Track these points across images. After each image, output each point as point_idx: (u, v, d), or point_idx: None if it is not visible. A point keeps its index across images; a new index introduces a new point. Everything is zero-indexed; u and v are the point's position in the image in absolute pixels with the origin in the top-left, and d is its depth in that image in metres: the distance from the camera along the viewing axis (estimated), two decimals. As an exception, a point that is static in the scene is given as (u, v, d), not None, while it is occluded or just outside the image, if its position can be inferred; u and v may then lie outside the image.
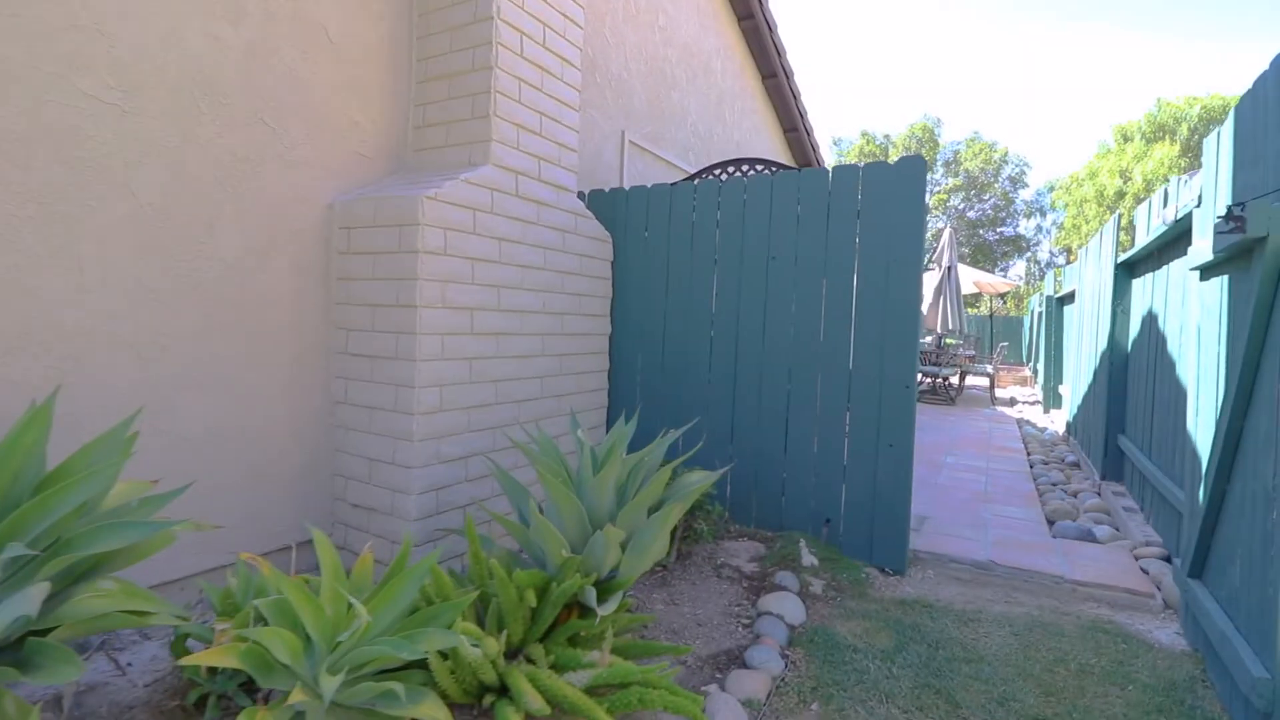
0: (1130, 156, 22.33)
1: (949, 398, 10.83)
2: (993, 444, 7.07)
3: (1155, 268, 4.26)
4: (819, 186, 3.55)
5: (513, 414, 3.38)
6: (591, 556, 2.14)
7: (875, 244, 3.39)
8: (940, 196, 31.69)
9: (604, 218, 4.24)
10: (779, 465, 3.68)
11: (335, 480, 3.14)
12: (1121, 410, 5.04)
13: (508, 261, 3.30)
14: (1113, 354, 5.11)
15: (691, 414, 3.96)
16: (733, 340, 3.83)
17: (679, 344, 4.02)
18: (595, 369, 4.09)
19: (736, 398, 3.82)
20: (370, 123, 3.29)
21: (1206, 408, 2.55)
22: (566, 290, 3.75)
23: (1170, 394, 3.69)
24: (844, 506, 3.49)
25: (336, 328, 3.11)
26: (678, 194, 4.01)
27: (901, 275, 3.32)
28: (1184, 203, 3.09)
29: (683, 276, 4.00)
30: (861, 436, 3.43)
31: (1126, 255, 4.92)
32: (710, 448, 3.90)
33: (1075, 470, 5.94)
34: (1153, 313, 4.26)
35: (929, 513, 4.30)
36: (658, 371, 4.09)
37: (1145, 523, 3.99)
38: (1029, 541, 3.74)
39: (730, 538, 3.68)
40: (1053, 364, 9.87)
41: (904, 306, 3.32)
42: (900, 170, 3.33)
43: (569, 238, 3.76)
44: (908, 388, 3.31)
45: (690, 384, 3.98)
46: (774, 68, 8.36)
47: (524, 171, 3.40)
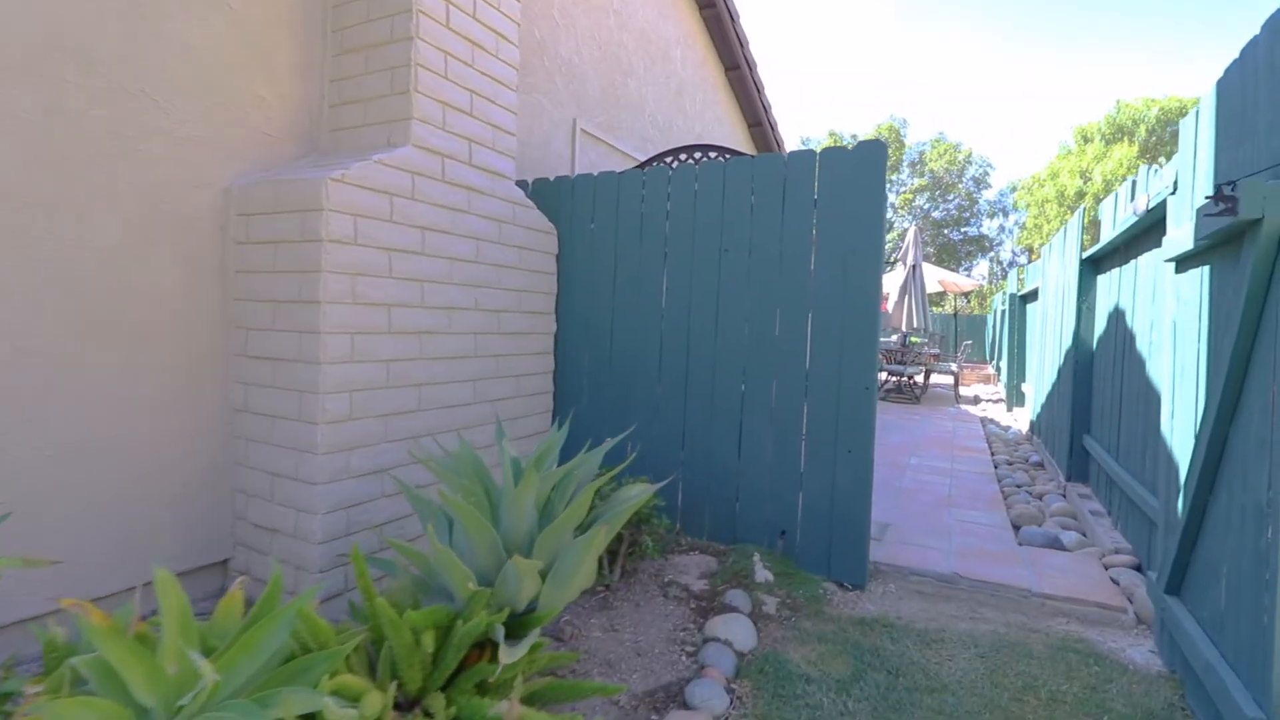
0: (1090, 157, 22.71)
1: (914, 396, 10.75)
2: (957, 444, 6.95)
3: (1122, 262, 4.12)
4: (774, 173, 3.31)
5: (440, 421, 3.07)
6: (504, 588, 1.85)
7: (833, 234, 3.16)
8: (906, 196, 31.99)
9: (548, 208, 3.95)
10: (733, 472, 3.44)
11: (236, 497, 2.79)
12: (1087, 410, 4.91)
13: (433, 253, 2.99)
14: (1078, 352, 4.98)
15: (641, 417, 3.69)
16: (684, 338, 3.57)
17: (627, 343, 3.75)
18: (538, 370, 3.79)
19: (688, 399, 3.56)
20: (278, 99, 2.95)
21: (1184, 410, 2.36)
22: (503, 285, 3.45)
23: (1139, 394, 3.54)
24: (801, 516, 3.26)
25: (235, 326, 2.77)
26: (625, 182, 3.74)
27: (861, 268, 3.09)
28: (1156, 192, 2.91)
29: (631, 271, 3.73)
30: (819, 441, 3.20)
31: (1092, 251, 4.79)
32: (660, 453, 3.63)
33: (1040, 471, 5.82)
34: (1120, 309, 4.12)
35: (892, 519, 4.10)
36: (605, 372, 3.82)
37: (1113, 528, 3.84)
38: (995, 550, 3.55)
39: (681, 551, 3.42)
40: (1016, 362, 9.85)
41: (863, 301, 3.09)
42: (859, 156, 3.10)
43: (506, 228, 3.46)
44: (867, 389, 3.08)
45: (639, 385, 3.71)
46: (737, 59, 8.15)
47: (452, 154, 3.09)
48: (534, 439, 3.76)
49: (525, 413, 3.70)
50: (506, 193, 3.46)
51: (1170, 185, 2.63)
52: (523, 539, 2.00)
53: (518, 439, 3.65)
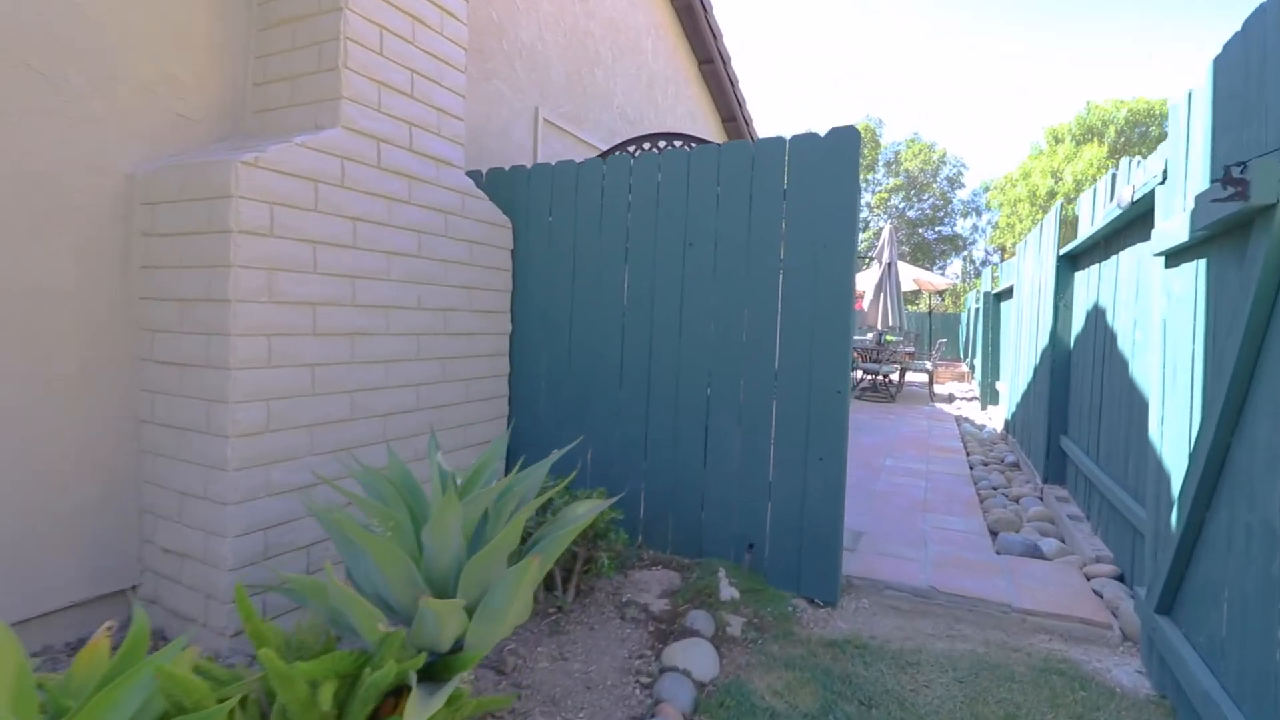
0: (1061, 158, 22.96)
1: (889, 395, 10.66)
2: (932, 444, 6.82)
3: (1102, 258, 3.98)
4: (741, 162, 3.10)
5: (377, 430, 2.81)
6: (423, 628, 1.61)
7: (803, 227, 2.96)
8: (881, 196, 32.14)
9: (503, 200, 3.70)
10: (698, 480, 3.22)
11: (145, 518, 2.51)
12: (1064, 411, 4.78)
13: (367, 246, 2.73)
14: (1055, 351, 4.85)
15: (601, 422, 3.46)
16: (646, 338, 3.35)
17: (587, 342, 3.52)
18: (491, 373, 3.54)
19: (651, 403, 3.34)
20: (194, 76, 2.67)
21: (1176, 416, 2.19)
22: (450, 282, 3.20)
23: (1122, 395, 3.39)
24: (769, 528, 3.06)
25: (141, 328, 2.48)
26: (585, 172, 3.50)
27: (832, 262, 2.89)
28: (1142, 182, 2.76)
29: (591, 266, 3.50)
30: (788, 448, 3.00)
31: (1069, 247, 4.67)
32: (622, 460, 3.41)
33: (1015, 472, 5.70)
34: (1099, 307, 3.98)
35: (866, 526, 3.92)
36: (565, 374, 3.58)
37: (1093, 534, 3.70)
38: (972, 560, 3.38)
39: (642, 566, 3.19)
40: (990, 361, 9.79)
41: (835, 298, 2.89)
42: (831, 143, 2.90)
43: (454, 221, 3.21)
44: (840, 392, 2.89)
45: (600, 388, 3.47)
46: (710, 52, 7.94)
47: (389, 139, 2.83)
48: (486, 448, 3.51)
49: (477, 419, 3.45)
50: (454, 182, 3.20)
51: (1159, 174, 2.47)
52: (448, 568, 1.76)
53: (470, 448, 3.40)
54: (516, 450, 3.70)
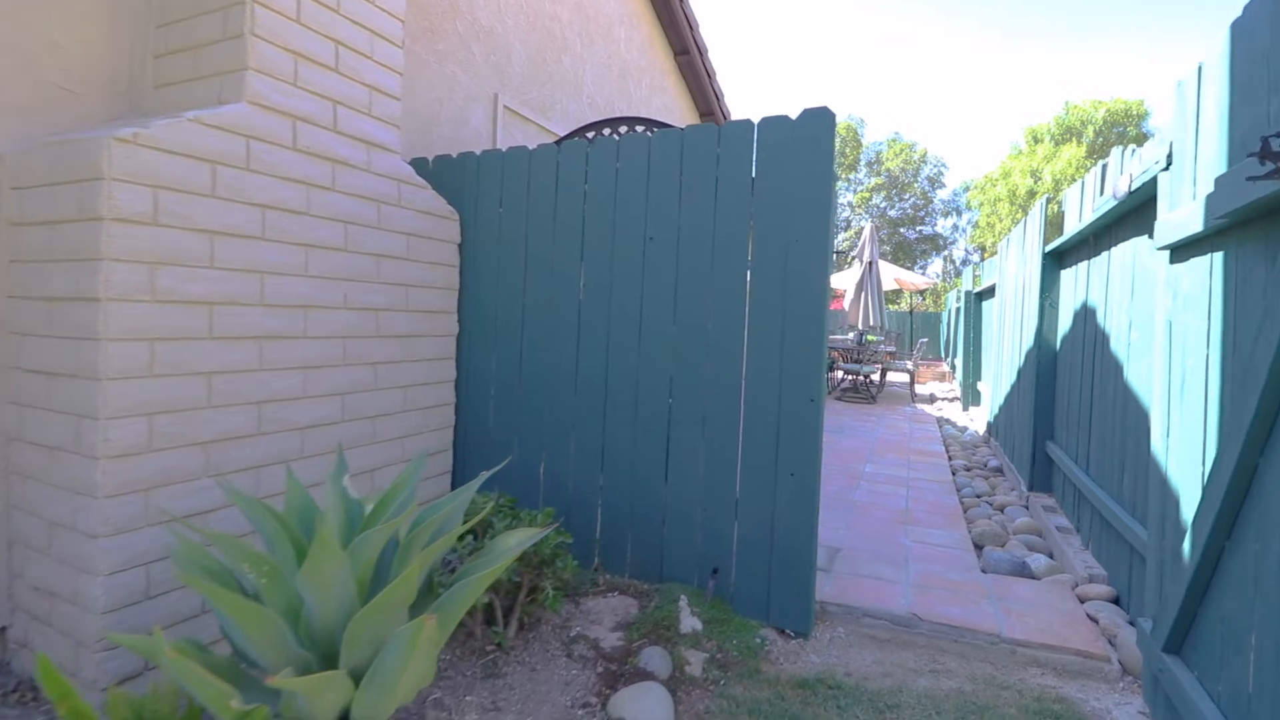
0: (1040, 157, 23.00)
1: (870, 396, 10.47)
2: (913, 448, 6.61)
3: (1091, 255, 3.75)
4: (706, 149, 2.82)
5: (293, 446, 2.50)
6: (293, 703, 1.31)
7: (773, 220, 2.69)
8: (863, 195, 32.11)
9: (451, 190, 3.40)
10: (659, 498, 2.94)
11: (15, 550, 2.18)
12: (1050, 415, 4.57)
13: (280, 238, 2.41)
14: (1040, 353, 4.63)
15: (555, 433, 3.17)
16: (603, 341, 3.06)
17: (540, 346, 3.22)
18: (434, 379, 3.24)
19: (608, 412, 3.05)
20: (80, 45, 2.34)
21: (1186, 429, 1.95)
22: (385, 279, 2.89)
23: (1115, 402, 3.16)
24: (736, 551, 2.78)
25: (8, 331, 2.15)
26: (538, 159, 3.20)
27: (805, 259, 2.62)
28: (1142, 169, 2.52)
29: (544, 262, 3.20)
30: (757, 463, 2.72)
31: (1055, 243, 4.45)
32: (578, 475, 3.12)
33: (999, 478, 5.49)
34: (1089, 306, 3.76)
35: (843, 542, 3.66)
36: (515, 381, 3.28)
37: (1084, 548, 3.47)
38: (956, 580, 3.13)
39: (597, 592, 2.91)
40: (971, 361, 9.62)
41: (808, 298, 2.62)
42: (803, 127, 2.63)
43: (389, 211, 2.90)
44: (813, 401, 2.62)
45: (553, 396, 3.18)
46: (686, 43, 7.66)
47: (308, 117, 2.51)
48: (429, 463, 3.20)
49: (418, 429, 3.14)
50: (390, 168, 2.89)
51: (1162, 160, 2.23)
52: (334, 621, 1.46)
53: (410, 461, 3.08)
54: (465, 463, 3.40)
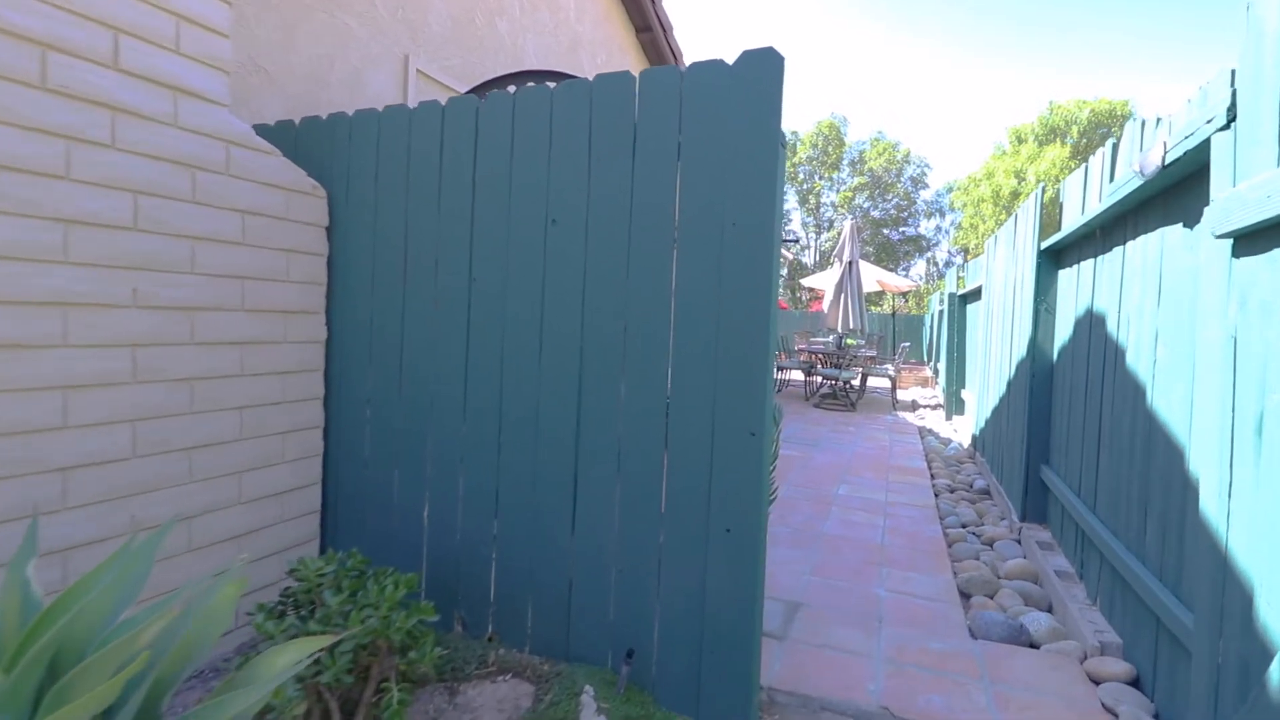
0: (1024, 157, 22.65)
1: (850, 403, 9.91)
2: (893, 464, 6.03)
3: (1099, 251, 3.17)
4: (620, 105, 2.18)
5: (47, 494, 1.82)
6: None
7: (705, 196, 2.06)
8: (845, 195, 31.70)
9: (319, 159, 2.73)
10: (564, 554, 2.30)
11: None
12: (1045, 435, 3.99)
13: (16, 211, 1.74)
14: (1034, 364, 4.06)
15: (440, 468, 2.52)
16: (497, 353, 2.41)
17: (423, 358, 2.56)
18: (291, 397, 2.57)
19: (504, 443, 2.40)
20: None
21: (1269, 491, 1.34)
22: (205, 269, 2.22)
23: (1134, 432, 2.57)
24: (659, 625, 2.15)
25: None
26: (420, 122, 2.55)
27: (745, 245, 1.99)
28: (1182, 134, 1.91)
29: (427, 252, 2.55)
30: (684, 513, 2.09)
31: (1053, 240, 3.87)
32: (467, 522, 2.47)
33: (986, 501, 4.92)
34: (1096, 313, 3.17)
35: (805, 593, 3.04)
36: (394, 401, 2.62)
37: (1090, 603, 2.88)
38: (940, 651, 2.53)
39: (485, 674, 2.26)
40: (955, 367, 9.09)
41: (749, 298, 1.99)
42: (743, 74, 2.00)
43: (212, 181, 2.23)
44: (754, 434, 1.99)
45: (439, 421, 2.53)
46: (648, 19, 7.03)
47: (65, 45, 1.84)
48: (286, 503, 2.52)
49: (265, 461, 2.47)
50: (213, 125, 2.22)
51: (1219, 115, 1.62)
52: None
53: (251, 503, 2.42)
54: (337, 502, 2.74)
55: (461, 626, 2.48)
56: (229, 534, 2.37)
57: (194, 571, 2.25)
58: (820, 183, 32.33)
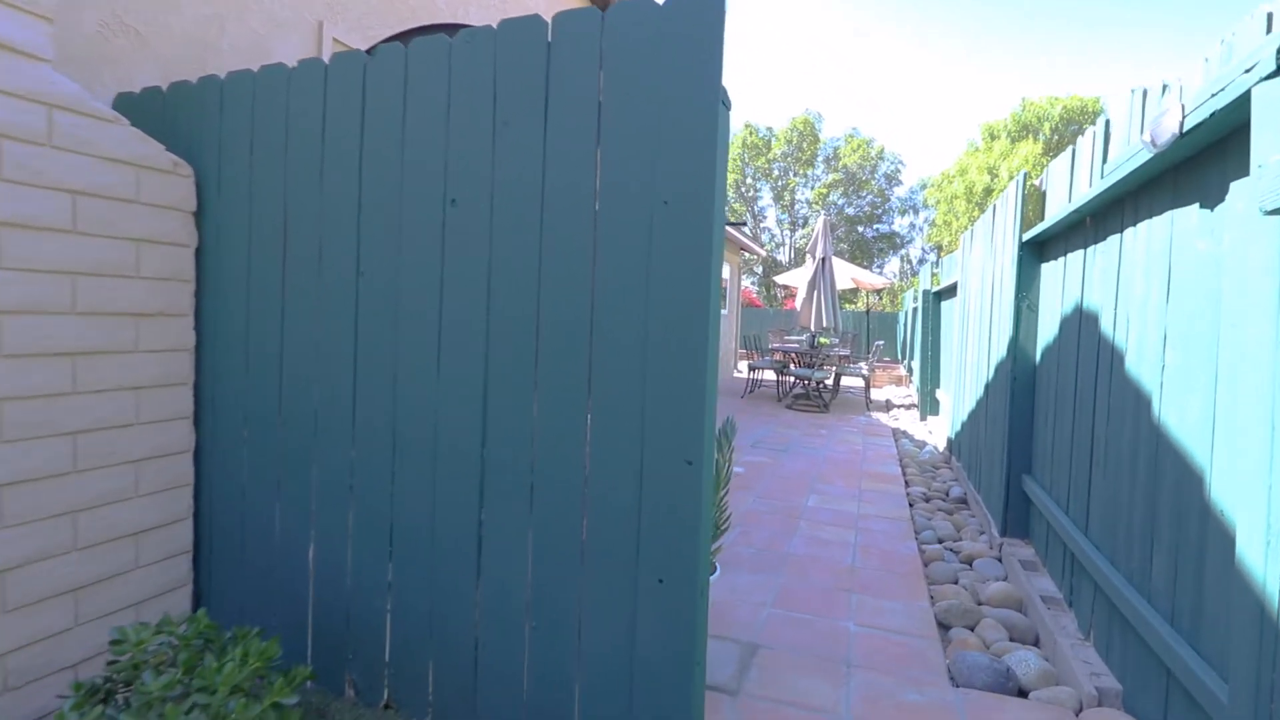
0: (997, 154, 22.65)
1: (823, 403, 9.62)
2: (866, 470, 5.72)
3: (1091, 242, 2.85)
4: (531, 59, 1.79)
5: None
6: None
7: (631, 168, 1.67)
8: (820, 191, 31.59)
9: (186, 133, 2.30)
10: (467, 604, 1.90)
11: None
12: (1028, 443, 3.68)
13: None
14: (1015, 366, 3.75)
15: (328, 498, 2.10)
16: (389, 361, 2.00)
17: (305, 366, 2.15)
18: (148, 417, 2.14)
19: (399, 470, 2.00)
20: None
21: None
22: (10, 263, 1.78)
23: (1138, 448, 2.24)
24: (580, 696, 1.76)
25: None
26: (299, 83, 2.13)
27: (680, 230, 1.62)
28: (1207, 90, 1.57)
29: (309, 241, 2.13)
30: (608, 560, 1.71)
31: (1036, 230, 3.55)
32: (358, 564, 2.06)
33: (964, 511, 4.62)
34: (1086, 311, 2.85)
35: (765, 630, 2.69)
36: (274, 418, 2.20)
37: (1083, 637, 2.57)
38: (917, 704, 2.18)
39: (372, 756, 1.86)
40: (929, 367, 8.84)
41: (684, 297, 1.62)
42: (673, 19, 1.62)
43: (28, 154, 1.79)
44: (691, 463, 1.61)
45: (325, 442, 2.11)
46: (609, 0, 6.64)
47: None
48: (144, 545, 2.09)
49: (115, 496, 2.03)
50: (23, 84, 1.78)
51: (1268, 56, 1.28)
52: None
53: (88, 550, 1.99)
54: (212, 538, 2.31)
55: (353, 690, 2.07)
56: (65, 587, 1.94)
57: (15, 637, 1.81)
58: (795, 179, 32.17)
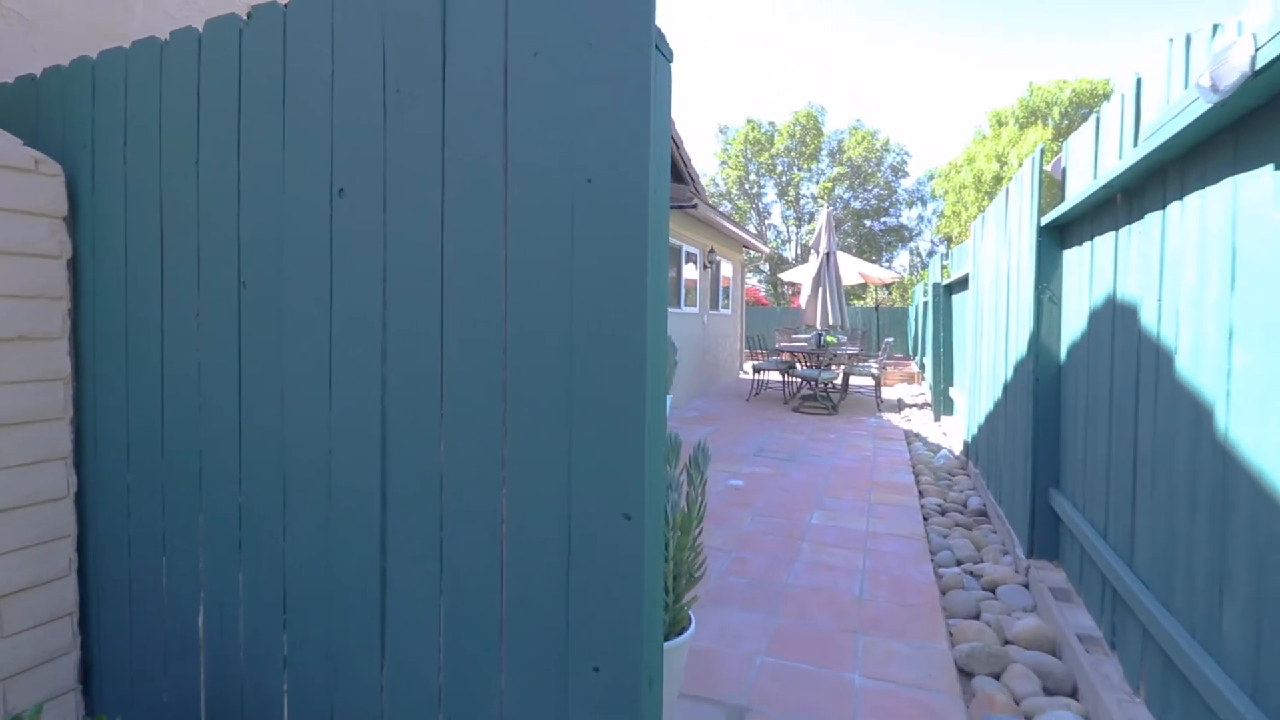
0: (1005, 141, 22.09)
1: (831, 405, 9.21)
2: (877, 479, 5.32)
3: (1124, 222, 2.45)
4: (425, 10, 1.42)
5: None
6: None
7: (546, 138, 1.30)
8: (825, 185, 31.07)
9: (58, 125, 1.96)
10: (372, 691, 1.54)
11: None
12: (1054, 453, 3.28)
13: None
14: (1037, 365, 3.35)
15: (217, 554, 1.75)
16: (275, 392, 1.65)
17: (187, 400, 1.80)
18: (13, 460, 1.80)
19: (291, 521, 1.64)
20: None
21: None
22: None
23: (1197, 470, 1.85)
24: (505, 809, 1.40)
25: None
26: (173, 58, 1.78)
27: (606, 216, 1.25)
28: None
29: (186, 246, 1.78)
30: (532, 643, 1.34)
31: (1057, 212, 3.16)
32: (251, 635, 1.71)
33: (983, 524, 4.22)
34: (1119, 302, 2.46)
35: (756, 691, 2.31)
36: (156, 456, 1.85)
37: (1132, 693, 2.17)
38: (936, 788, 1.80)
39: None
40: (942, 364, 8.41)
41: (615, 300, 1.24)
42: (595, -56, 1.25)
43: None
44: (630, 518, 1.24)
45: (211, 485, 1.76)
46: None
47: None
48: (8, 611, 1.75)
49: (-50, 559, 1.69)
50: None
51: None
52: None
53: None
54: (99, 604, 1.97)
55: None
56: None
57: None
58: (799, 174, 31.66)
